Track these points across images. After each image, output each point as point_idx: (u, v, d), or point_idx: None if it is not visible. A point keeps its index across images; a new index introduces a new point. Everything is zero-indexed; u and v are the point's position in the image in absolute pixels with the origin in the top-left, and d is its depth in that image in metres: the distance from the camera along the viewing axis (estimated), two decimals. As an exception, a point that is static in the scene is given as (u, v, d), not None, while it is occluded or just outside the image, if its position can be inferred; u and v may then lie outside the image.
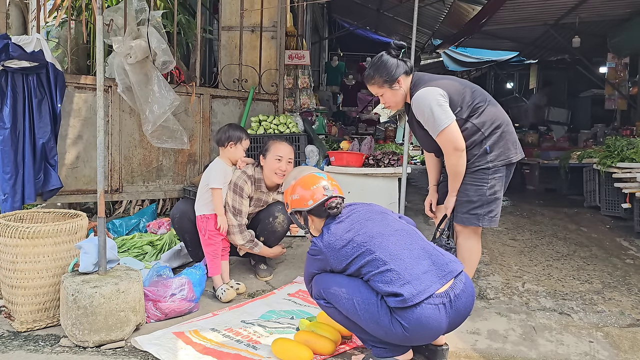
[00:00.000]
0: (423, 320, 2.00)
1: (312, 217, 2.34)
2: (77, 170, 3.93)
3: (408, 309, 1.99)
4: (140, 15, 3.83)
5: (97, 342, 2.40)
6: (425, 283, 2.04)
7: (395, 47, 2.72)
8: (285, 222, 3.39)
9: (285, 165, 3.27)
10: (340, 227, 2.22)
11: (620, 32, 7.58)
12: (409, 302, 1.98)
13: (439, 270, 2.10)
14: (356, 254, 2.13)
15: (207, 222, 3.16)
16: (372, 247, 2.12)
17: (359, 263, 2.11)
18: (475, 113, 2.69)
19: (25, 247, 2.52)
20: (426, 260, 2.13)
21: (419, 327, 2.00)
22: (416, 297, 1.99)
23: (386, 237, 2.16)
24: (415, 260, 2.11)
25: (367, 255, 2.11)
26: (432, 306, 2.01)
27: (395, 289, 2.01)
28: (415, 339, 2.09)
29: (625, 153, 5.24)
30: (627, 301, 3.16)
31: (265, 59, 5.18)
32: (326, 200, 2.27)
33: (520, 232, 4.98)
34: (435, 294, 2.03)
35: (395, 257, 2.09)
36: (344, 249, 2.15)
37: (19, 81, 3.36)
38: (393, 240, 2.16)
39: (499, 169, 2.71)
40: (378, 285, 2.06)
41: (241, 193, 3.20)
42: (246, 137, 3.28)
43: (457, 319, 2.10)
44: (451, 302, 2.05)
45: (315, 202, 2.28)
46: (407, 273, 2.05)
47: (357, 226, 2.20)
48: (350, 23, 13.34)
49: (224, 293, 3.06)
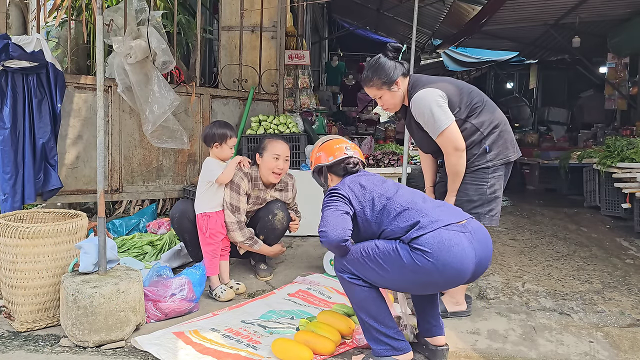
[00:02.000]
0: (445, 242, 2.02)
1: (331, 175, 2.49)
2: (77, 170, 3.93)
3: (428, 234, 2.03)
4: (140, 15, 3.83)
5: (97, 342, 2.40)
6: (442, 216, 2.12)
7: (393, 49, 2.73)
8: (284, 219, 3.39)
9: (283, 163, 3.26)
10: (358, 177, 2.36)
11: (620, 32, 7.58)
12: (428, 228, 2.05)
13: (452, 212, 2.20)
14: (373, 198, 2.22)
15: (207, 220, 3.16)
16: (389, 194, 2.23)
17: (377, 207, 2.20)
18: (473, 113, 2.71)
19: (25, 247, 2.52)
20: (440, 207, 2.22)
21: (443, 251, 2.00)
22: (434, 223, 2.07)
23: (401, 190, 2.29)
24: (429, 204, 2.21)
25: (384, 201, 2.21)
26: (452, 231, 2.06)
27: (414, 221, 2.10)
28: (445, 270, 2.01)
29: (625, 153, 5.24)
30: (627, 301, 3.16)
31: (265, 59, 5.18)
32: (346, 158, 2.43)
33: (520, 232, 4.98)
34: (453, 224, 2.10)
35: (410, 202, 2.19)
36: (363, 192, 2.26)
37: (19, 81, 3.36)
38: (407, 192, 2.28)
39: (498, 167, 2.75)
40: (396, 224, 2.13)
41: (238, 190, 3.20)
42: (231, 134, 3.18)
43: (481, 251, 2.10)
44: (471, 233, 2.10)
45: (335, 159, 2.44)
46: (424, 211, 2.14)
47: (373, 184, 2.30)
48: (350, 23, 13.35)
49: (224, 292, 3.06)
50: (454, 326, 2.72)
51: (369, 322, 2.20)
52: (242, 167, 3.23)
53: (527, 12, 7.38)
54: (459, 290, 2.85)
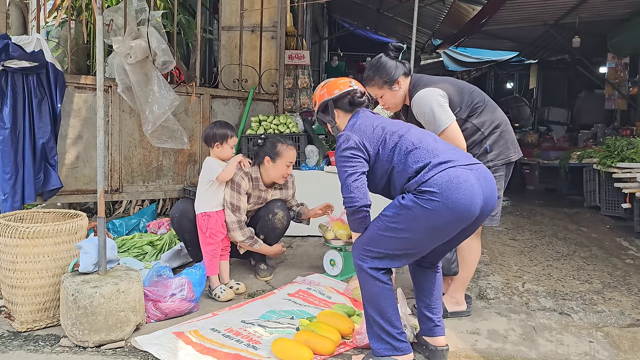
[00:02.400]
0: (454, 180, 2.02)
1: (338, 111, 2.41)
2: (77, 170, 3.93)
3: (437, 175, 2.04)
4: (140, 15, 3.83)
5: (97, 342, 2.40)
6: (453, 157, 2.12)
7: (394, 49, 2.73)
8: (284, 218, 3.39)
9: (291, 168, 3.34)
10: (368, 118, 2.31)
11: (620, 32, 7.58)
12: (437, 169, 2.06)
13: (463, 155, 2.20)
14: (385, 137, 2.20)
15: (208, 220, 3.15)
16: (401, 132, 2.21)
17: (389, 145, 2.18)
18: (474, 113, 2.73)
19: (25, 247, 2.52)
20: (452, 150, 2.22)
21: (451, 189, 2.01)
22: (443, 164, 2.07)
23: (413, 129, 2.27)
24: (441, 145, 2.21)
25: (396, 138, 2.19)
26: (460, 168, 2.07)
27: (424, 162, 2.10)
28: (455, 207, 2.01)
29: (625, 153, 5.24)
30: (627, 301, 3.16)
31: (265, 59, 5.18)
32: (352, 90, 2.37)
33: (520, 232, 4.98)
34: (461, 164, 2.10)
35: (422, 141, 2.18)
36: (375, 132, 2.22)
37: (19, 81, 3.36)
38: (419, 131, 2.26)
39: (499, 168, 2.75)
40: (407, 163, 2.12)
41: (239, 189, 3.20)
42: (232, 134, 3.20)
43: (488, 189, 2.11)
44: (478, 172, 2.11)
45: (341, 91, 2.38)
46: (435, 152, 2.14)
47: (384, 122, 2.28)
48: (350, 23, 13.35)
49: (223, 293, 3.06)
50: (454, 326, 2.72)
51: (375, 318, 2.18)
52: (242, 167, 3.24)
53: (527, 12, 7.38)
54: (459, 290, 2.85)
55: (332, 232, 3.41)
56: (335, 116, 2.41)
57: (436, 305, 2.35)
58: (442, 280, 2.40)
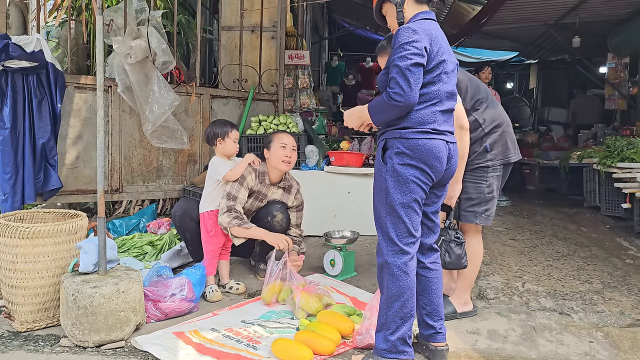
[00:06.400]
0: (430, 149, 2.15)
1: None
2: (77, 170, 3.93)
3: (419, 141, 2.16)
4: (140, 15, 3.84)
5: (97, 342, 2.40)
6: (446, 128, 2.24)
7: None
8: (284, 221, 3.36)
9: (290, 152, 3.25)
10: (438, 30, 2.20)
11: (620, 32, 7.59)
12: (424, 136, 2.16)
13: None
14: (439, 62, 2.15)
15: (214, 219, 3.15)
16: (447, 70, 2.20)
17: (434, 78, 2.16)
18: (478, 107, 2.75)
19: (25, 247, 2.52)
20: (447, 121, 2.27)
21: (424, 153, 2.13)
22: (433, 133, 2.18)
23: (453, 78, 2.29)
24: (446, 116, 2.26)
25: (440, 72, 2.16)
26: (437, 140, 2.19)
27: (429, 126, 2.17)
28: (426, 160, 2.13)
29: (625, 153, 5.24)
30: (627, 301, 3.16)
31: (265, 59, 5.18)
32: None
33: (520, 232, 4.98)
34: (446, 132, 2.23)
35: (441, 96, 2.20)
36: (437, 55, 2.14)
37: (19, 81, 3.36)
38: (450, 86, 2.26)
39: (497, 167, 2.76)
40: (419, 105, 2.14)
41: (241, 182, 3.17)
42: (232, 128, 3.21)
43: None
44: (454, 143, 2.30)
45: None
46: (438, 119, 2.20)
47: (448, 55, 2.23)
48: (350, 23, 13.33)
49: (211, 293, 3.06)
50: (454, 326, 2.72)
51: (392, 315, 2.16)
52: (253, 166, 3.24)
53: (527, 12, 7.39)
54: (466, 290, 2.86)
55: (302, 311, 2.77)
56: (405, 1, 2.24)
57: (438, 312, 2.34)
58: (442, 286, 2.39)
